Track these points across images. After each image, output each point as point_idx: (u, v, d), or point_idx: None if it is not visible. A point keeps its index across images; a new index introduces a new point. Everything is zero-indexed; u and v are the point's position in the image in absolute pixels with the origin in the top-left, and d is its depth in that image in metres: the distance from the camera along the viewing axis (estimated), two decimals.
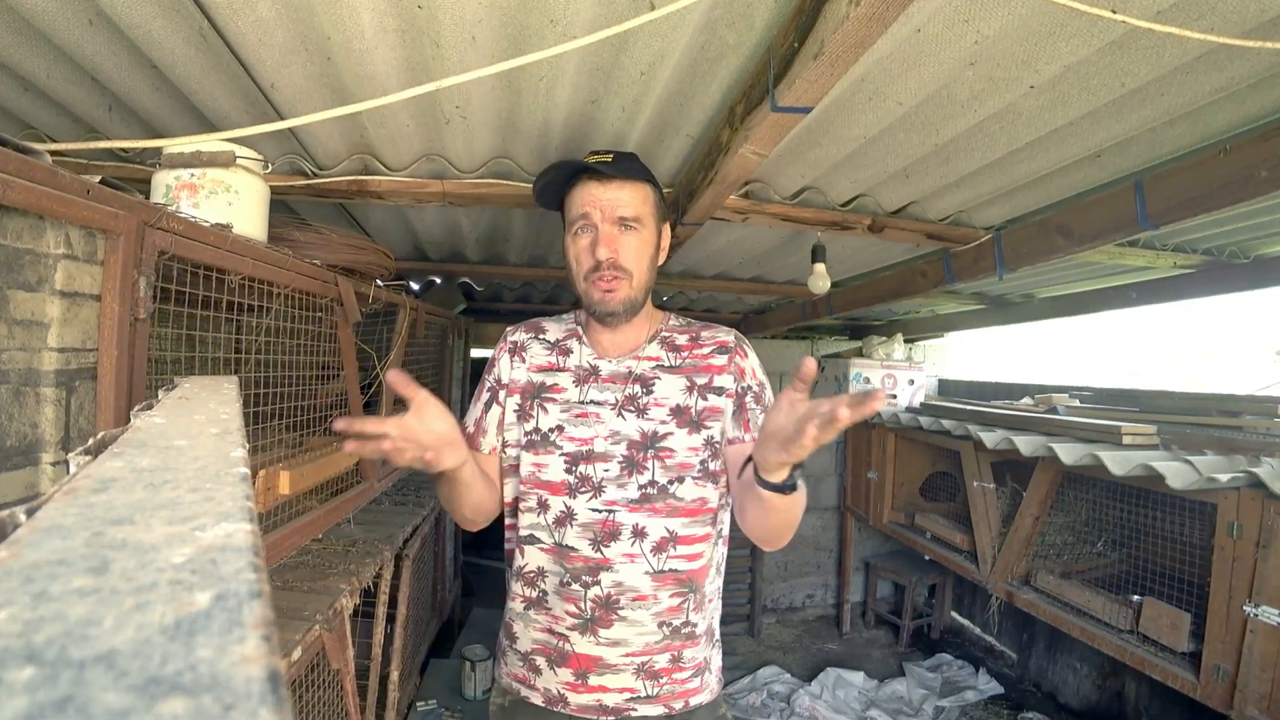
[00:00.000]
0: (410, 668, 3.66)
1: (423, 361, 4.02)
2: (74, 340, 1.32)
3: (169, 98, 2.25)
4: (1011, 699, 5.39)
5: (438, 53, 1.89)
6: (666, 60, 1.93)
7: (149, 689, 0.24)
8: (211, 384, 1.09)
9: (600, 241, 1.75)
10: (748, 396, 1.86)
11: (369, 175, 2.71)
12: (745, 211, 2.94)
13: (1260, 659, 2.76)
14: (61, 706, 0.23)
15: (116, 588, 0.31)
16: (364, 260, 2.59)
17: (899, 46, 1.82)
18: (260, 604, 0.31)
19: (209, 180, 1.96)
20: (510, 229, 3.85)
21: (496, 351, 1.99)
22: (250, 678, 0.25)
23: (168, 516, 0.40)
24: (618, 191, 1.77)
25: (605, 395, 1.84)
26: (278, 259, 1.99)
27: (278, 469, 1.90)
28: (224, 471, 0.52)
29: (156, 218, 1.46)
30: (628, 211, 1.76)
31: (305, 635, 1.91)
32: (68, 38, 1.90)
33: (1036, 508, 4.08)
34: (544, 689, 1.80)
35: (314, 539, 2.47)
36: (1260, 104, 2.03)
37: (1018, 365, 8.40)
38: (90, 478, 0.47)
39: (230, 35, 1.83)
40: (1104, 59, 1.83)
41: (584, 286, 1.81)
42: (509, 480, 1.91)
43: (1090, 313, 4.88)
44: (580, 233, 1.80)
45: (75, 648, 0.26)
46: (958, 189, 2.84)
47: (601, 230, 1.76)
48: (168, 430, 0.68)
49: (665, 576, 1.76)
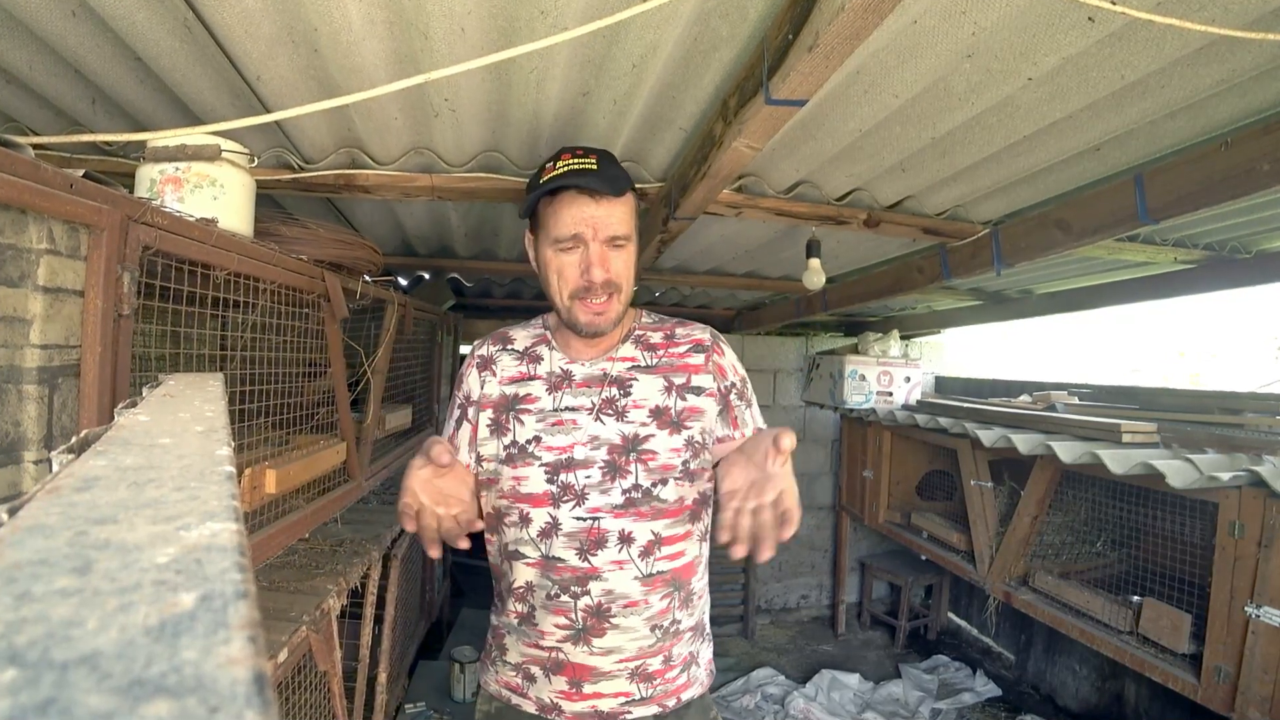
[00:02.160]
0: (398, 670, 3.66)
1: (411, 358, 4.01)
2: (57, 337, 1.31)
3: (153, 90, 2.24)
4: (1009, 701, 5.40)
5: (426, 45, 1.89)
6: (659, 52, 1.93)
7: (133, 691, 0.24)
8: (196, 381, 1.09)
9: (594, 263, 1.72)
10: (731, 394, 1.87)
11: (356, 169, 2.70)
12: (739, 206, 2.95)
13: (1262, 661, 2.76)
14: (44, 709, 0.23)
15: (100, 588, 0.31)
16: (351, 255, 2.58)
17: (895, 38, 1.82)
18: (246, 605, 0.31)
19: (194, 174, 1.96)
20: (500, 224, 3.84)
21: (464, 367, 1.99)
22: (236, 680, 0.25)
23: (152, 516, 0.40)
24: (609, 209, 1.73)
25: (581, 400, 1.83)
26: (264, 254, 1.99)
27: (264, 467, 1.90)
28: (209, 470, 0.52)
29: (140, 212, 1.45)
30: (620, 230, 1.74)
31: (292, 637, 1.91)
32: (50, 29, 1.89)
33: (1035, 507, 4.09)
34: (537, 698, 1.80)
35: (301, 538, 2.47)
36: (1262, 96, 2.04)
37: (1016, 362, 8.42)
38: (73, 476, 0.47)
39: (216, 27, 1.83)
40: (1103, 51, 1.84)
41: (568, 304, 1.78)
42: (486, 494, 1.90)
43: (1089, 309, 4.88)
44: (568, 251, 1.76)
45: (58, 649, 0.26)
46: (955, 183, 2.85)
47: (594, 250, 1.73)
48: (152, 428, 0.68)
49: (654, 579, 1.76)
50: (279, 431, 2.19)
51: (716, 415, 1.84)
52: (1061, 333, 8.85)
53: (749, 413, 1.93)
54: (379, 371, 3.03)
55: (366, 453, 2.96)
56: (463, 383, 1.96)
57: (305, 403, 2.35)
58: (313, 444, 2.31)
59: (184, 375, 1.20)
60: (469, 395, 1.93)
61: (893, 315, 6.96)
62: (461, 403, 1.95)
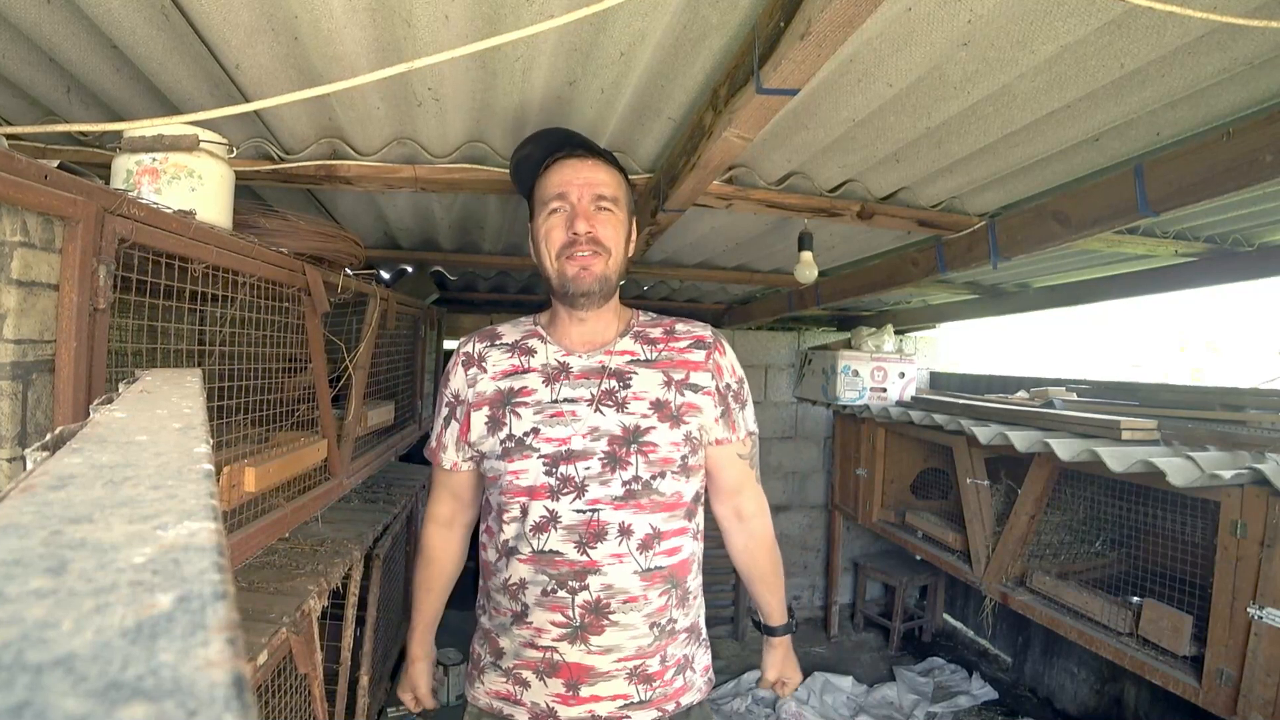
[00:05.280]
0: (381, 672, 3.66)
1: (394, 353, 4.00)
2: (31, 331, 1.31)
3: (130, 79, 2.23)
4: (1006, 704, 5.43)
5: (409, 32, 1.88)
6: (647, 40, 1.93)
7: (109, 694, 0.24)
8: (174, 377, 1.08)
9: (578, 216, 1.77)
10: (729, 395, 1.88)
11: (338, 160, 2.70)
12: (729, 198, 2.95)
13: (1265, 663, 2.76)
14: (18, 712, 0.23)
15: (75, 589, 0.31)
16: (333, 248, 2.57)
17: (889, 26, 1.83)
18: (225, 606, 0.31)
19: (171, 165, 1.94)
20: (485, 216, 3.84)
21: (450, 365, 2.01)
22: (214, 682, 0.25)
23: (128, 515, 0.40)
24: (595, 171, 1.80)
25: (579, 391, 1.84)
26: (243, 247, 1.98)
27: (243, 465, 1.89)
28: (187, 468, 0.52)
29: (117, 204, 1.45)
30: (606, 190, 1.79)
31: (271, 638, 1.90)
32: (24, 16, 1.88)
33: (1032, 506, 4.10)
34: (531, 704, 1.79)
35: (281, 538, 2.46)
36: (1265, 85, 2.04)
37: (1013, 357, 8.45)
38: (48, 474, 0.47)
39: (193, 14, 1.82)
40: (1102, 39, 1.84)
41: (555, 266, 1.83)
42: (489, 491, 1.92)
43: (1088, 303, 4.88)
44: (555, 212, 1.82)
45: (32, 651, 0.26)
46: (950, 174, 2.85)
47: (580, 207, 1.78)
48: (128, 425, 0.67)
49: (653, 574, 1.77)
50: (258, 428, 2.19)
51: (716, 416, 1.86)
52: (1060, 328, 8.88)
53: (743, 415, 1.96)
54: (361, 367, 3.02)
55: (348, 450, 2.95)
56: (449, 381, 1.97)
57: (285, 399, 2.35)
58: (293, 441, 2.31)
59: (161, 371, 1.19)
60: (457, 394, 1.94)
61: (887, 309, 6.96)
62: (450, 400, 1.96)
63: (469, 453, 1.97)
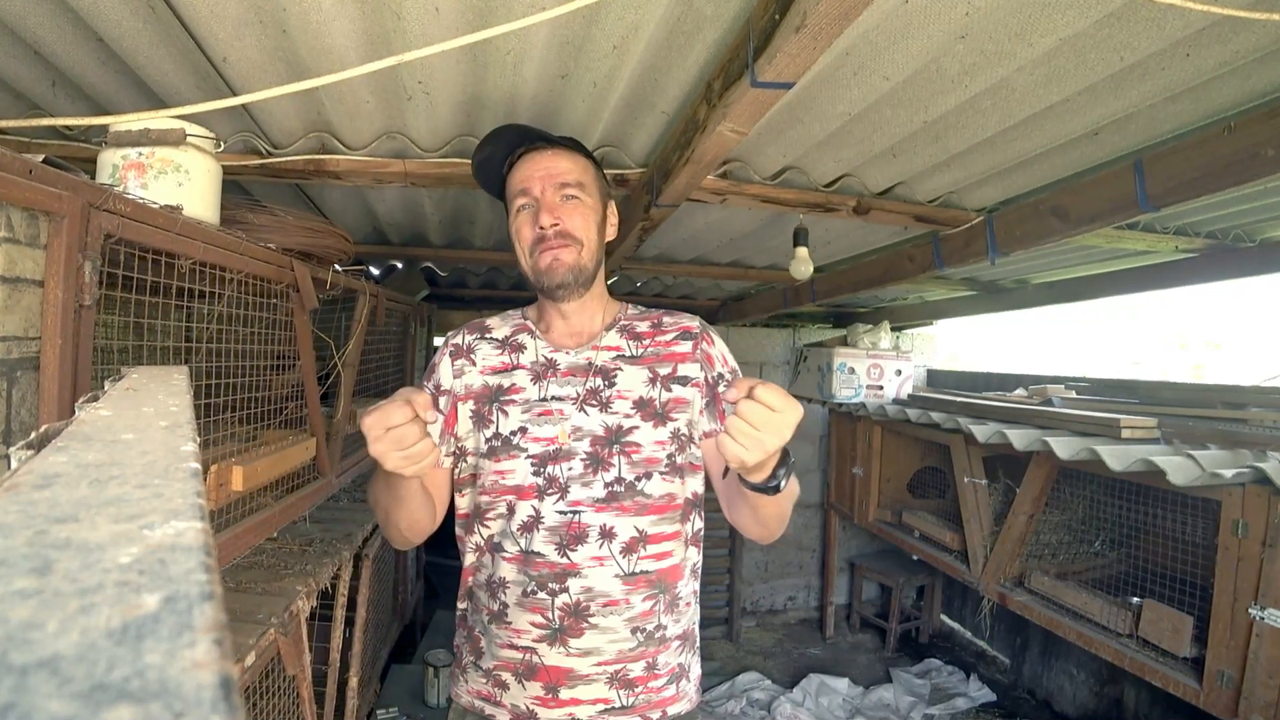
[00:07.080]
0: (370, 673, 3.66)
1: (383, 350, 4.01)
2: (15, 328, 1.31)
3: (116, 73, 2.23)
4: (1004, 707, 5.45)
5: (399, 25, 1.88)
6: (640, 33, 1.92)
7: (94, 696, 0.24)
8: (160, 374, 1.08)
9: (543, 209, 1.78)
10: (720, 385, 1.87)
11: (327, 154, 2.69)
12: (723, 192, 2.94)
13: (1266, 664, 2.77)
14: (2, 714, 0.23)
15: (60, 589, 0.31)
16: (321, 244, 2.57)
17: (886, 18, 1.83)
18: (212, 606, 0.31)
19: (158, 160, 1.94)
20: (475, 211, 3.84)
21: (436, 356, 1.98)
22: (201, 684, 0.25)
23: (114, 514, 0.40)
24: (555, 160, 1.80)
25: (566, 390, 1.83)
26: (230, 242, 1.98)
27: (230, 464, 1.89)
28: (174, 466, 0.52)
29: (102, 199, 1.45)
30: (570, 178, 1.79)
31: (260, 639, 1.90)
32: (8, 9, 1.87)
33: (1030, 505, 4.11)
34: (511, 705, 1.78)
35: (269, 538, 2.46)
36: (1267, 79, 2.04)
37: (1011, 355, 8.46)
38: (32, 473, 0.47)
39: (180, 7, 1.82)
40: (1101, 31, 1.84)
41: (530, 262, 1.83)
42: (468, 490, 1.90)
43: (1087, 299, 4.89)
44: (523, 210, 1.83)
45: (17, 653, 0.26)
46: (948, 169, 2.85)
47: (544, 200, 1.78)
48: (114, 423, 0.67)
49: (637, 579, 1.76)
50: (246, 426, 2.19)
51: (702, 407, 1.85)
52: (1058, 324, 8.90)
53: None
54: (350, 364, 3.02)
55: (337, 448, 2.95)
56: (434, 372, 1.95)
57: (273, 397, 2.35)
58: (281, 439, 2.31)
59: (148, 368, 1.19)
60: (438, 384, 1.91)
61: (883, 306, 6.97)
62: (431, 391, 1.93)
63: (452, 446, 1.93)
